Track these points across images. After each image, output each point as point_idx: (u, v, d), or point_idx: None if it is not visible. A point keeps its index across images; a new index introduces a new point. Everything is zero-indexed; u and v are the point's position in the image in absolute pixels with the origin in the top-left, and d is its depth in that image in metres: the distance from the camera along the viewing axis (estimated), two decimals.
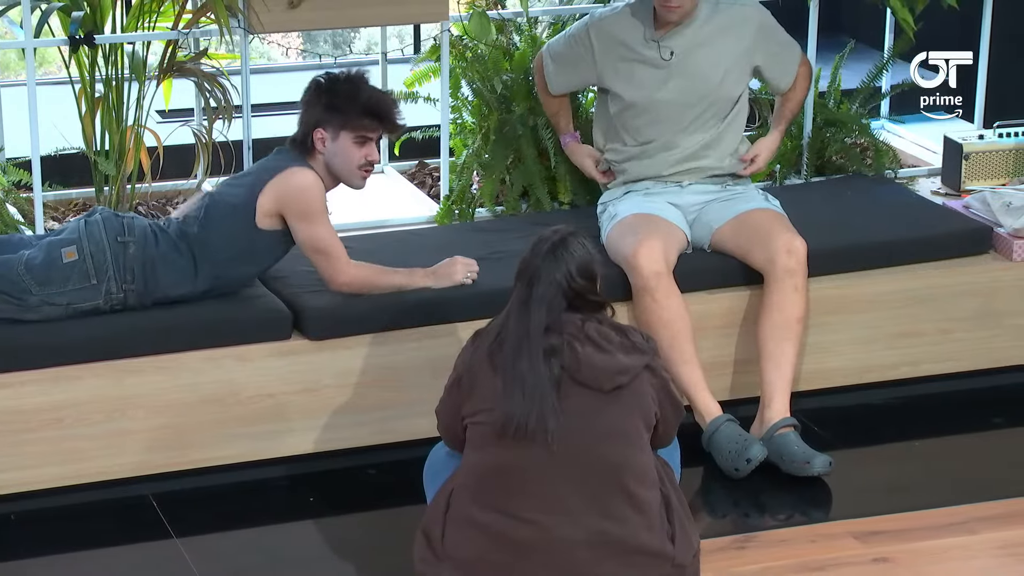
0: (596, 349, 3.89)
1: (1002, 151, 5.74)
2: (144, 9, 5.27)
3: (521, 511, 3.90)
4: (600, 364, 3.88)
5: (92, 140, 5.32)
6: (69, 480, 4.47)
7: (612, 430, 3.92)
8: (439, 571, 3.97)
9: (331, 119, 4.45)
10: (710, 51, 4.95)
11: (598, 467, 3.91)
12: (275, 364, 4.58)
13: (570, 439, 3.90)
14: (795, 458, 4.57)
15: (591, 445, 3.91)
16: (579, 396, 3.89)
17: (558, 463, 3.90)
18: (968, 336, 5.19)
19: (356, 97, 4.46)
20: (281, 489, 4.60)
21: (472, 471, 3.96)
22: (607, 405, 3.90)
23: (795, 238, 4.80)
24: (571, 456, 3.90)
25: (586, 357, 3.87)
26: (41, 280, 4.40)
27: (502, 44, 5.59)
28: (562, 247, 3.91)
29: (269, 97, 6.49)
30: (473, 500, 3.94)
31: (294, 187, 4.45)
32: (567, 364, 3.87)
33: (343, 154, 4.48)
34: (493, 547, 3.91)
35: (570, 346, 3.87)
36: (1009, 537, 4.33)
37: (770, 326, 4.75)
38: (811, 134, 5.82)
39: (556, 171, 5.48)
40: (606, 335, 3.91)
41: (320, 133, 4.47)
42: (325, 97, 4.47)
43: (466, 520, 3.95)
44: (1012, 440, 4.97)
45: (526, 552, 3.89)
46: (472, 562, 3.94)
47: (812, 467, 4.55)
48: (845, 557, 4.24)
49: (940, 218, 5.36)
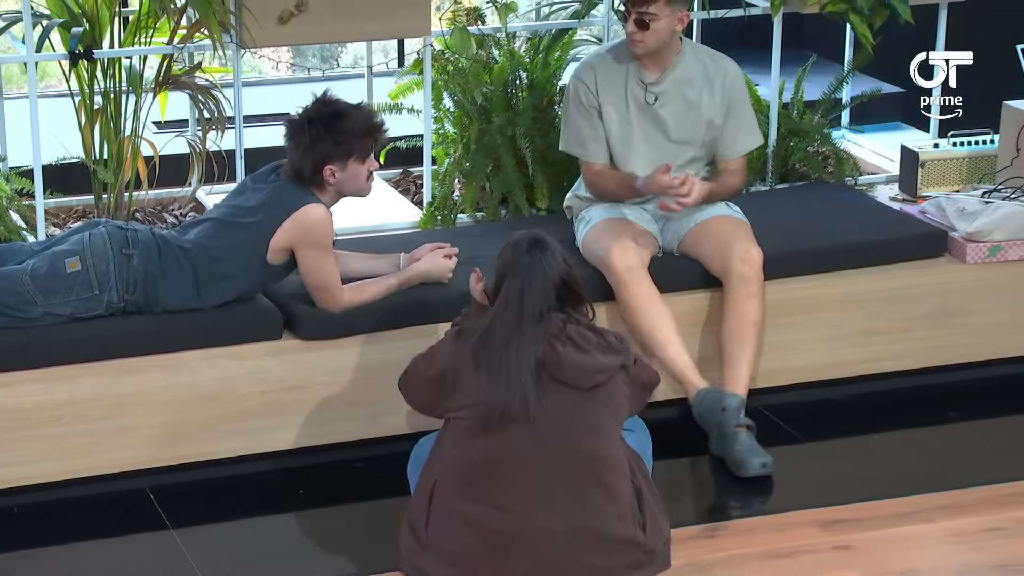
0: (576, 349, 3.90)
1: (956, 159, 5.76)
2: (141, 25, 5.27)
3: (503, 502, 3.90)
4: (580, 363, 3.89)
5: (91, 150, 5.31)
6: (69, 474, 4.45)
7: (589, 425, 3.93)
8: (423, 559, 3.97)
9: (338, 152, 4.42)
10: (689, 101, 4.88)
11: (576, 460, 3.92)
12: (268, 363, 4.57)
13: (550, 433, 3.91)
14: (734, 458, 4.57)
15: (569, 439, 3.92)
16: (559, 393, 3.90)
17: (538, 456, 3.90)
18: (925, 335, 5.21)
19: (355, 126, 4.43)
20: (273, 482, 4.59)
21: (455, 464, 3.97)
22: (585, 402, 3.92)
23: (752, 247, 4.81)
24: (550, 449, 3.91)
25: (567, 356, 3.89)
26: (45, 290, 4.38)
27: (482, 58, 5.59)
28: (541, 246, 3.93)
29: (260, 109, 6.48)
30: (456, 492, 3.94)
31: (308, 222, 4.43)
32: (549, 362, 3.88)
33: (355, 178, 4.47)
34: (476, 537, 3.91)
35: (551, 346, 3.89)
36: (962, 525, 4.34)
37: (728, 329, 4.77)
38: (775, 143, 5.83)
39: (534, 179, 5.48)
40: (585, 336, 3.93)
41: (329, 168, 4.44)
42: (328, 136, 4.41)
43: (450, 511, 3.95)
44: (967, 434, 4.98)
45: (507, 541, 3.90)
46: (456, 551, 3.94)
47: (747, 469, 4.55)
48: (809, 545, 4.24)
49: (898, 223, 5.38)
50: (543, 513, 3.90)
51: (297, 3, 5.04)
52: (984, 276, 5.23)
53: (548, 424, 3.90)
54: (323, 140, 4.41)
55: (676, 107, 4.87)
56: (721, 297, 4.85)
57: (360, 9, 5.11)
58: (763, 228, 4.96)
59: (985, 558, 4.19)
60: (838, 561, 4.17)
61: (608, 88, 4.86)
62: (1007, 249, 5.24)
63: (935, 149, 5.77)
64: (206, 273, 4.48)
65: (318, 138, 4.41)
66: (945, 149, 5.76)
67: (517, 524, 3.89)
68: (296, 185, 4.48)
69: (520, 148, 5.45)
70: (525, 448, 3.89)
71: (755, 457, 4.53)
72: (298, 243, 4.46)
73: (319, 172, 4.45)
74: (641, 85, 4.86)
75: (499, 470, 3.91)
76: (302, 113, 4.46)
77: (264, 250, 4.48)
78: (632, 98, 4.86)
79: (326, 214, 4.47)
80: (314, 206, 4.45)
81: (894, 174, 5.97)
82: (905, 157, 5.83)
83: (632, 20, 4.72)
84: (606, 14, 5.63)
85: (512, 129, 5.46)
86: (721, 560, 4.16)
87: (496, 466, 3.91)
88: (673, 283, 4.87)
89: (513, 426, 3.89)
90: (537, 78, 5.59)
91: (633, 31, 4.74)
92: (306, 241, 4.46)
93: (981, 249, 5.22)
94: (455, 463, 3.96)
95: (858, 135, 6.38)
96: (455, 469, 3.96)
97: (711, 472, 4.61)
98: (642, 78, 4.86)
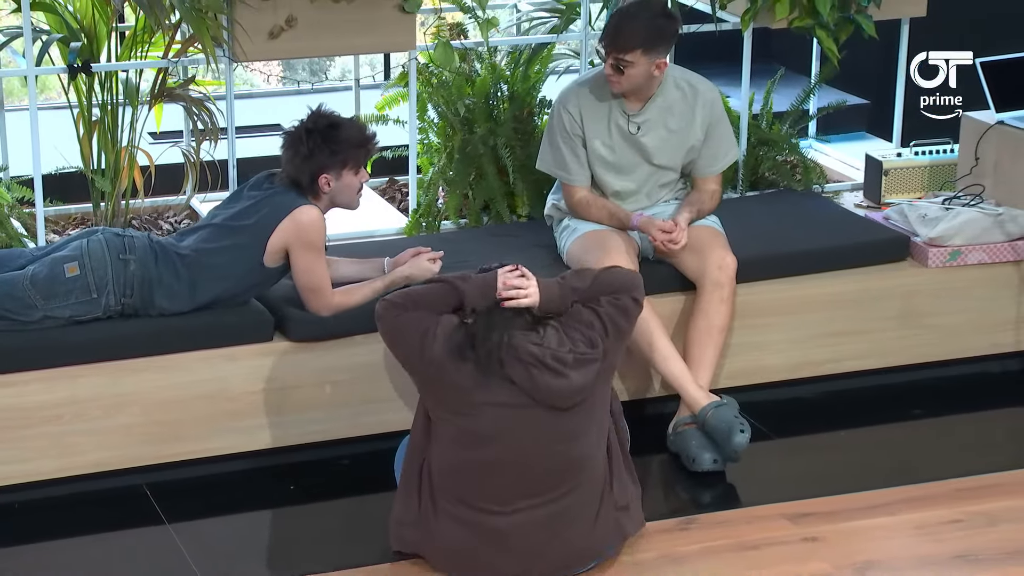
0: (553, 375, 3.89)
1: (918, 167, 5.77)
2: (137, 40, 5.26)
3: (489, 505, 3.92)
4: (557, 389, 3.89)
5: (89, 160, 5.30)
6: (69, 472, 4.44)
7: (570, 435, 3.96)
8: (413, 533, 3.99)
9: (333, 162, 4.44)
10: (671, 130, 4.86)
11: (560, 462, 3.95)
12: (260, 364, 4.56)
13: (533, 445, 3.91)
14: (688, 453, 4.58)
15: (553, 448, 3.93)
16: (541, 411, 3.90)
17: (525, 461, 3.92)
18: (889, 335, 5.22)
19: (350, 137, 4.45)
20: (265, 478, 4.58)
21: (442, 461, 3.98)
22: (565, 416, 3.93)
23: (727, 255, 4.81)
24: (533, 456, 3.92)
25: (544, 384, 3.88)
26: (45, 294, 4.37)
27: (465, 71, 5.59)
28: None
29: (252, 120, 6.48)
30: (442, 490, 3.96)
31: (304, 222, 4.43)
32: (527, 388, 3.87)
33: (348, 188, 4.48)
34: (464, 533, 3.93)
35: (528, 373, 3.88)
36: (924, 518, 4.35)
37: (695, 331, 4.76)
38: (746, 152, 5.83)
39: (514, 187, 5.48)
40: (560, 358, 3.91)
41: (325, 177, 4.45)
42: (324, 145, 4.42)
43: (439, 510, 3.96)
44: (929, 430, 4.99)
45: (497, 541, 3.91)
46: (446, 544, 3.95)
47: (699, 464, 4.55)
48: (778, 537, 4.25)
49: (863, 229, 5.38)
50: (526, 513, 3.91)
51: (287, 19, 5.04)
52: (945, 279, 5.24)
53: (527, 439, 3.91)
54: (320, 150, 4.42)
55: (659, 134, 4.87)
56: (690, 301, 4.85)
57: (347, 24, 5.11)
58: (734, 234, 4.96)
59: (946, 549, 4.20)
60: (806, 552, 4.17)
61: (593, 117, 4.85)
62: (967, 254, 5.25)
63: (898, 158, 5.78)
64: (202, 278, 4.48)
65: (315, 148, 4.42)
66: (907, 158, 5.78)
67: (504, 526, 3.91)
68: (292, 190, 4.49)
69: (501, 157, 5.45)
70: (509, 460, 3.91)
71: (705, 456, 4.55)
72: (293, 244, 4.46)
73: (315, 181, 4.45)
74: (624, 115, 4.85)
75: (484, 479, 3.92)
76: (299, 124, 4.48)
77: (261, 252, 4.47)
78: (616, 127, 4.86)
79: (320, 216, 4.47)
80: (309, 207, 4.46)
81: (859, 182, 5.98)
82: (869, 166, 5.84)
83: (609, 63, 4.72)
84: (583, 29, 5.63)
85: (493, 139, 5.46)
86: (695, 552, 4.16)
87: (481, 475, 3.93)
88: (650, 286, 4.86)
89: (495, 440, 3.90)
90: (517, 90, 5.59)
91: (610, 73, 4.73)
92: (301, 242, 4.45)
93: (942, 253, 5.23)
94: (442, 458, 3.97)
95: (824, 145, 6.39)
96: (442, 462, 3.97)
97: (684, 469, 4.61)
98: (625, 109, 4.84)
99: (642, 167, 4.90)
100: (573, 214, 4.95)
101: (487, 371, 3.87)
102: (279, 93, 7.58)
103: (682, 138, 4.88)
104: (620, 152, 4.87)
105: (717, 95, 4.95)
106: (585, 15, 5.61)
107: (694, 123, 4.88)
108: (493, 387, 3.89)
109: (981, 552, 4.17)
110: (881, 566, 4.12)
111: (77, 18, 5.18)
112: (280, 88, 7.94)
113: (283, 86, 8.00)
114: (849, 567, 4.10)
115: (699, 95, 4.89)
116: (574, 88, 4.90)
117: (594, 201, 4.90)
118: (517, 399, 3.89)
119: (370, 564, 4.08)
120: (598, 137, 4.85)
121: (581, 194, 4.90)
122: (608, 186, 4.92)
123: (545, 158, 4.95)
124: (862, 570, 4.09)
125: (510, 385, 3.89)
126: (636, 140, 4.86)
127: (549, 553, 3.94)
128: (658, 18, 4.70)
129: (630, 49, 4.66)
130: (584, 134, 4.85)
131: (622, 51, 4.67)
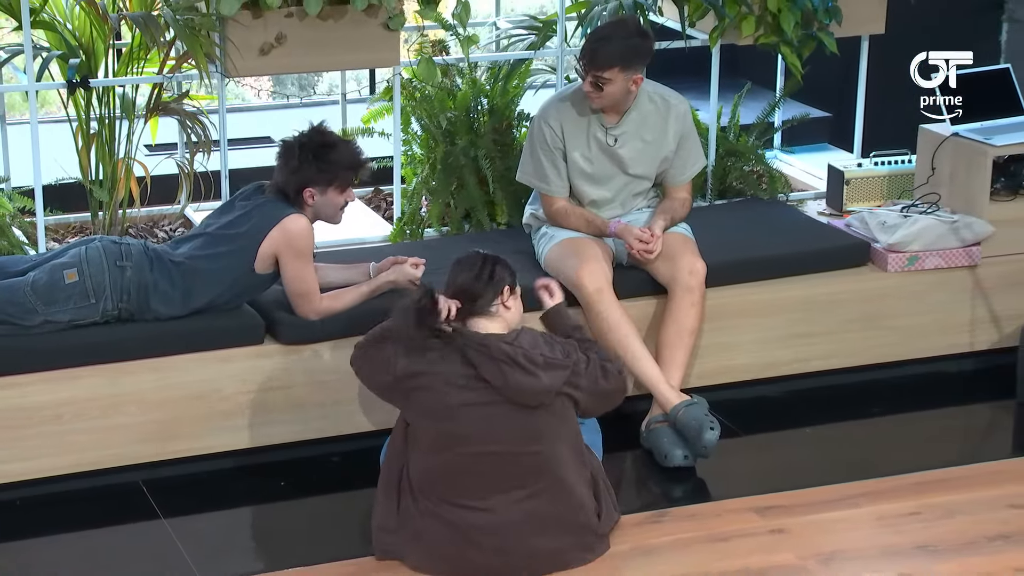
0: (523, 373, 3.90)
1: (878, 177, 5.78)
2: (133, 56, 5.24)
3: (466, 502, 3.91)
4: (527, 387, 3.90)
5: (88, 171, 5.28)
6: (68, 469, 4.43)
7: (537, 434, 3.95)
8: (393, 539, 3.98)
9: (320, 179, 4.44)
10: (646, 141, 4.87)
11: (527, 462, 3.94)
12: (251, 366, 4.55)
13: (502, 443, 3.91)
14: (661, 449, 4.57)
15: (520, 447, 3.93)
16: (508, 409, 3.91)
17: (493, 460, 3.91)
18: (851, 337, 5.22)
19: (341, 159, 4.44)
20: (256, 475, 4.56)
21: (420, 464, 3.97)
22: (532, 415, 3.93)
23: (697, 261, 4.81)
24: (504, 455, 3.91)
25: (514, 381, 3.89)
26: (46, 300, 4.35)
27: (446, 86, 5.58)
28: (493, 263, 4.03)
29: (243, 133, 6.46)
30: (421, 490, 3.95)
31: (292, 231, 4.43)
32: (498, 385, 3.88)
33: (331, 204, 4.48)
34: (443, 530, 3.92)
35: (500, 370, 3.88)
36: (885, 510, 4.35)
37: (667, 333, 4.76)
38: (714, 163, 5.84)
39: (494, 196, 5.47)
40: (531, 358, 3.92)
41: (310, 191, 4.45)
42: (314, 162, 4.42)
43: (418, 510, 3.96)
44: (889, 427, 4.99)
45: (473, 535, 3.90)
46: (425, 542, 3.94)
47: (670, 460, 4.55)
48: (746, 529, 4.25)
49: (825, 235, 5.39)
50: (501, 508, 3.91)
51: (277, 36, 5.03)
52: (903, 283, 5.25)
53: (502, 435, 3.91)
54: (309, 165, 4.42)
55: (634, 146, 4.87)
56: (662, 304, 4.85)
57: (335, 42, 5.10)
58: (704, 241, 4.97)
59: (906, 540, 4.20)
60: (773, 544, 4.17)
61: (573, 131, 4.85)
62: (924, 259, 5.26)
63: (859, 168, 5.79)
64: (196, 284, 4.47)
65: (305, 162, 4.42)
66: (868, 168, 5.78)
67: (480, 522, 3.90)
68: (280, 200, 4.47)
69: (481, 168, 5.44)
70: (484, 457, 3.91)
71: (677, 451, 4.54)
72: (282, 251, 4.45)
73: (300, 193, 4.45)
74: (602, 128, 4.85)
75: (461, 477, 3.92)
76: (296, 137, 4.47)
77: (252, 259, 4.46)
78: (594, 140, 4.86)
79: (308, 225, 4.47)
80: (297, 217, 4.45)
81: (822, 191, 5.98)
82: (831, 175, 5.84)
83: (588, 81, 4.71)
84: (559, 46, 5.63)
85: (474, 151, 5.46)
86: (667, 544, 4.16)
87: (457, 474, 3.93)
88: (623, 291, 4.87)
89: (469, 439, 3.90)
90: (497, 104, 5.59)
91: (589, 90, 4.73)
92: (289, 249, 4.44)
93: (901, 259, 5.24)
94: (420, 462, 3.97)
95: (789, 155, 6.40)
96: (420, 466, 3.97)
97: (656, 464, 4.61)
98: (603, 122, 4.85)
99: (618, 177, 4.91)
100: (552, 223, 4.95)
101: (448, 348, 3.91)
102: (269, 107, 7.57)
103: (656, 148, 4.89)
104: (598, 163, 4.88)
105: (688, 108, 4.96)
106: (561, 33, 5.61)
107: (667, 134, 4.89)
108: (467, 388, 3.89)
109: (939, 543, 4.18)
110: (844, 556, 4.12)
111: (76, 36, 5.16)
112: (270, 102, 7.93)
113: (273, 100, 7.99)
114: (814, 558, 4.10)
115: (671, 108, 4.90)
116: (554, 103, 4.90)
117: (572, 210, 4.90)
118: (490, 397, 3.90)
119: (358, 556, 4.07)
120: (577, 149, 4.85)
121: (559, 204, 4.90)
122: (585, 195, 4.92)
123: (525, 169, 4.94)
124: (826, 561, 4.09)
125: (484, 384, 3.90)
126: (613, 152, 4.86)
127: (524, 551, 3.92)
128: (633, 37, 4.71)
129: (608, 67, 4.66)
130: (564, 147, 4.85)
131: (601, 69, 4.67)
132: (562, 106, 4.87)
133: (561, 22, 5.61)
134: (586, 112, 4.84)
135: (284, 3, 4.96)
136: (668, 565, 4.05)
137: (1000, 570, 4.04)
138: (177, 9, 4.97)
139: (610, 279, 4.77)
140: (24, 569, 4.07)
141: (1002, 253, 5.35)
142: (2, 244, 4.97)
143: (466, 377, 3.92)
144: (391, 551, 3.99)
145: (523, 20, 5.90)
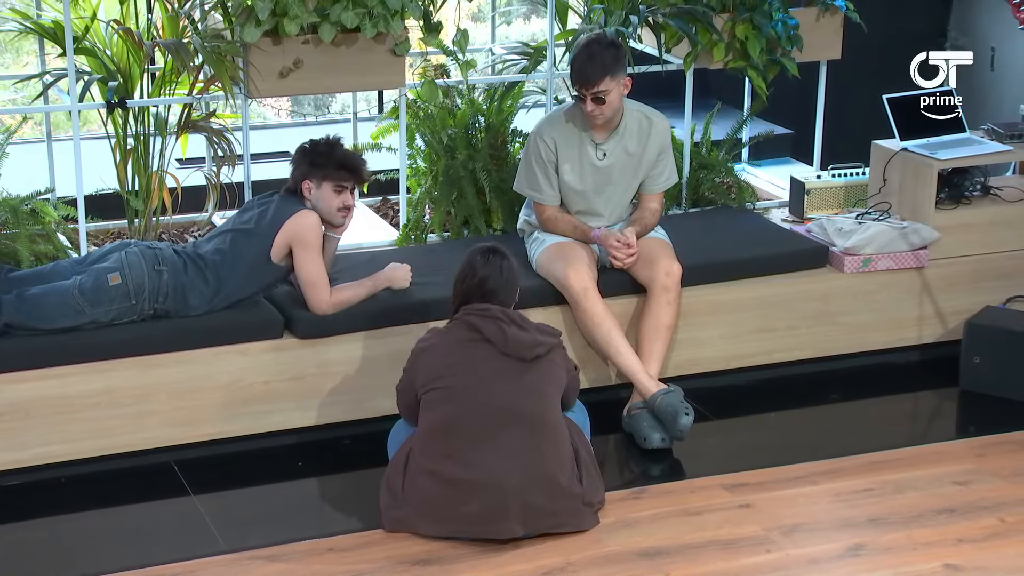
0: (519, 328, 3.97)
1: (835, 188, 5.77)
2: (165, 79, 5.23)
3: (462, 455, 3.92)
4: (523, 339, 3.96)
5: (125, 182, 5.27)
6: (106, 451, 4.42)
7: (532, 390, 3.97)
8: (399, 513, 3.97)
9: (314, 173, 4.52)
10: (631, 154, 4.86)
11: (524, 418, 3.94)
12: (270, 358, 4.54)
13: (500, 396, 3.94)
14: (640, 433, 4.56)
15: (517, 401, 3.95)
16: (506, 364, 3.93)
17: (491, 415, 3.92)
18: (810, 331, 5.22)
19: (332, 156, 4.52)
20: (275, 456, 4.56)
21: (423, 429, 3.99)
22: (528, 371, 3.97)
23: (673, 263, 4.81)
24: (501, 409, 3.93)
25: (512, 335, 3.95)
26: (92, 301, 4.36)
27: (447, 106, 5.57)
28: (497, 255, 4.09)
29: (264, 148, 6.44)
30: (423, 452, 3.97)
31: (301, 223, 4.47)
32: (496, 341, 3.91)
33: (324, 200, 4.52)
34: (439, 486, 3.92)
35: (499, 328, 3.93)
36: (842, 487, 4.35)
37: (646, 329, 4.76)
38: (688, 175, 5.83)
39: (491, 205, 5.47)
40: (524, 320, 4.02)
41: (307, 184, 4.51)
42: (309, 157, 4.54)
43: (419, 470, 3.96)
44: (844, 412, 4.99)
45: (469, 488, 3.90)
46: (423, 500, 3.94)
47: (649, 443, 4.53)
48: (717, 504, 4.24)
49: (788, 240, 5.38)
50: (498, 463, 3.90)
51: (295, 61, 5.02)
52: (858, 283, 5.25)
53: (498, 388, 3.93)
54: (306, 158, 4.53)
55: (620, 160, 4.86)
56: (641, 303, 4.85)
57: (347, 66, 5.10)
58: (679, 244, 4.96)
59: (860, 513, 4.20)
60: (741, 517, 4.17)
61: (566, 147, 4.84)
62: (876, 261, 5.25)
63: (818, 180, 5.78)
64: (224, 275, 4.49)
65: (303, 156, 4.54)
66: (826, 180, 5.78)
67: (475, 474, 3.90)
68: (291, 197, 4.53)
69: (479, 179, 5.44)
70: (480, 409, 3.92)
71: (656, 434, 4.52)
72: (293, 243, 4.49)
73: (299, 185, 4.52)
74: (593, 144, 4.84)
75: (459, 429, 3.93)
76: (310, 141, 4.59)
77: (269, 248, 4.48)
78: (585, 155, 4.85)
79: (316, 219, 4.51)
80: (307, 212, 4.50)
81: (785, 200, 5.98)
82: (794, 186, 5.84)
83: (589, 100, 4.70)
84: (549, 69, 5.62)
85: (472, 164, 5.45)
86: (646, 517, 4.16)
87: (456, 426, 3.93)
88: (607, 290, 4.87)
89: (468, 390, 3.91)
90: (493, 121, 5.58)
91: (592, 109, 4.72)
92: (298, 241, 4.47)
93: (855, 261, 5.24)
94: (423, 429, 3.99)
95: (755, 168, 6.39)
96: (423, 433, 3.98)
97: (636, 446, 4.60)
98: (593, 138, 4.85)
99: (605, 189, 4.90)
100: (543, 229, 4.94)
101: (454, 322, 4.03)
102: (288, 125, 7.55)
103: (639, 161, 4.88)
104: (587, 176, 4.87)
105: (667, 126, 4.96)
106: (551, 57, 5.60)
107: (648, 149, 4.88)
108: (470, 345, 3.97)
109: (889, 515, 4.17)
110: (805, 528, 4.12)
111: (114, 61, 5.15)
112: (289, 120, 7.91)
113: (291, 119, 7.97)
114: (777, 529, 4.10)
115: (654, 125, 4.90)
116: (549, 120, 4.90)
117: (561, 217, 4.89)
118: (489, 353, 3.96)
119: (368, 530, 4.06)
120: (568, 163, 4.85)
121: (550, 212, 4.89)
122: (574, 205, 4.91)
123: (521, 181, 4.94)
124: (788, 532, 4.09)
125: (485, 342, 3.96)
126: (601, 165, 4.85)
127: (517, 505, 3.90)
128: (607, 47, 4.71)
129: (599, 79, 4.66)
130: (557, 160, 4.84)
131: (594, 84, 4.67)
132: (556, 123, 4.87)
133: (550, 48, 5.60)
134: (578, 129, 4.84)
135: (301, 31, 4.95)
136: (646, 536, 4.05)
137: (944, 539, 4.04)
138: (205, 37, 4.97)
139: (595, 280, 4.76)
140: (71, 537, 4.08)
141: (947, 256, 5.34)
142: (48, 248, 4.96)
143: (472, 341, 3.98)
144: (398, 526, 3.98)
145: (516, 46, 5.88)
